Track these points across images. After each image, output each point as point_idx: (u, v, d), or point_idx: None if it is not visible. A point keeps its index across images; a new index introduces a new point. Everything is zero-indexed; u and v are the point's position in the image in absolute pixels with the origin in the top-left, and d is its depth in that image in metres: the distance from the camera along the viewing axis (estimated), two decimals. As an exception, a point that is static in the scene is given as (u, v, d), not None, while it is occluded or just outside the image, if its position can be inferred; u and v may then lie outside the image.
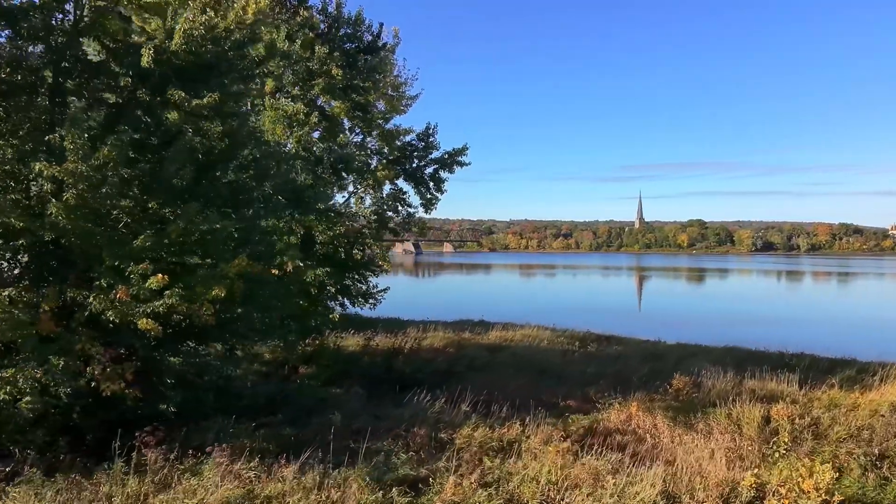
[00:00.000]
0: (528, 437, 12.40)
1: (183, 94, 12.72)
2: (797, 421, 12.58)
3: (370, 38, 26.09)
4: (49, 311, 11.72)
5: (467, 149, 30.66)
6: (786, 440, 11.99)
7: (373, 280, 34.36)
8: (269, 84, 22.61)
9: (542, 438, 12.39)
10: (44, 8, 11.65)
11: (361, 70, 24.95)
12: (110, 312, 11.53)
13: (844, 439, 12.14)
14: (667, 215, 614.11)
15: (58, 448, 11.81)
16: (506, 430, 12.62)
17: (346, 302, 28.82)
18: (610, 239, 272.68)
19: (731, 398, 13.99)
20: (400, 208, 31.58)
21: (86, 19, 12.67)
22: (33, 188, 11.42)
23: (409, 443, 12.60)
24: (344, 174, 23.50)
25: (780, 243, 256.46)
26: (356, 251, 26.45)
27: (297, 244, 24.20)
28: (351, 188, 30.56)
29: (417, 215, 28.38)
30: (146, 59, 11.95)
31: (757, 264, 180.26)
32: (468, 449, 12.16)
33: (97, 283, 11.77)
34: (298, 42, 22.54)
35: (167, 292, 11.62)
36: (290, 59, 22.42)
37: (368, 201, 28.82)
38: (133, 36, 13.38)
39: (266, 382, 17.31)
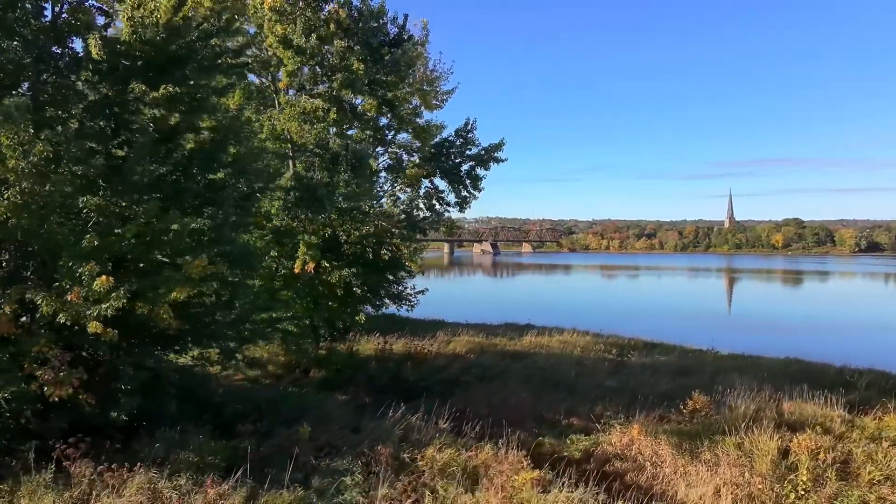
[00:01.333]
0: (497, 462, 11.00)
1: (144, 88, 12.25)
2: (822, 456, 10.51)
3: (396, 30, 25.20)
4: (9, 312, 11.41)
5: (503, 144, 29.32)
6: (804, 479, 10.02)
7: (410, 281, 33.70)
8: (284, 79, 22.10)
9: (513, 464, 10.97)
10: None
11: (386, 64, 24.06)
12: (62, 315, 11.10)
13: (879, 482, 10.01)
14: (759, 214, 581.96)
15: (16, 453, 11.45)
16: (473, 452, 11.26)
17: (381, 302, 28.25)
18: (697, 239, 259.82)
19: (749, 423, 12.00)
20: (438, 207, 30.76)
21: (63, 15, 12.40)
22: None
23: (370, 462, 11.53)
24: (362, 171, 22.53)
25: (887, 243, 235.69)
26: (384, 251, 25.58)
27: (318, 244, 23.67)
28: (387, 187, 29.97)
29: (447, 215, 27.30)
30: (95, 51, 11.50)
31: (861, 266, 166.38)
32: (431, 471, 10.96)
33: (56, 283, 11.46)
34: (314, 36, 21.91)
35: (114, 294, 11.04)
36: (304, 54, 21.80)
37: (402, 199, 28.10)
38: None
39: (257, 388, 16.61)
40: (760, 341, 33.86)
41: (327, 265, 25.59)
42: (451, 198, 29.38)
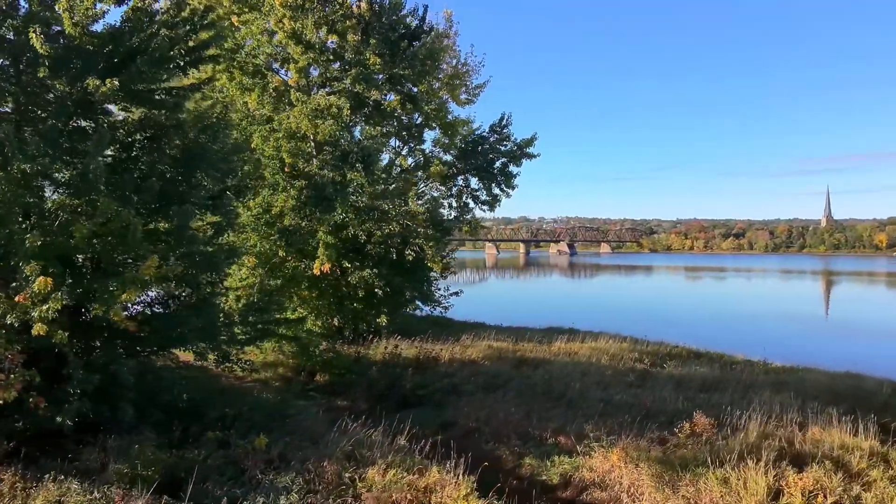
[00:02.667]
0: (443, 487, 9.86)
1: (97, 82, 11.91)
2: (819, 500, 8.72)
3: (417, 22, 24.33)
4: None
5: (535, 139, 27.88)
6: (793, 528, 8.32)
7: (443, 282, 32.70)
8: (294, 76, 21.65)
9: (466, 489, 9.80)
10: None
11: (405, 58, 23.23)
12: (9, 316, 10.91)
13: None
14: (861, 212, 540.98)
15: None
16: (415, 475, 10.16)
17: (406, 304, 27.45)
18: (790, 239, 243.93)
19: (748, 453, 10.26)
20: (472, 205, 29.66)
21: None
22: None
23: (314, 479, 10.68)
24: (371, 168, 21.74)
25: None
26: (408, 252, 24.76)
27: (335, 244, 23.15)
28: (421, 185, 29.15)
29: (475, 214, 26.13)
30: (38, 45, 11.23)
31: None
32: (370, 494, 9.98)
33: (14, 283, 11.30)
34: (324, 30, 21.36)
35: (53, 295, 10.73)
36: (314, 49, 21.28)
37: (427, 198, 27.15)
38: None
39: (243, 392, 16.11)
40: (831, 351, 30.80)
41: (349, 265, 25.10)
42: (483, 196, 28.22)
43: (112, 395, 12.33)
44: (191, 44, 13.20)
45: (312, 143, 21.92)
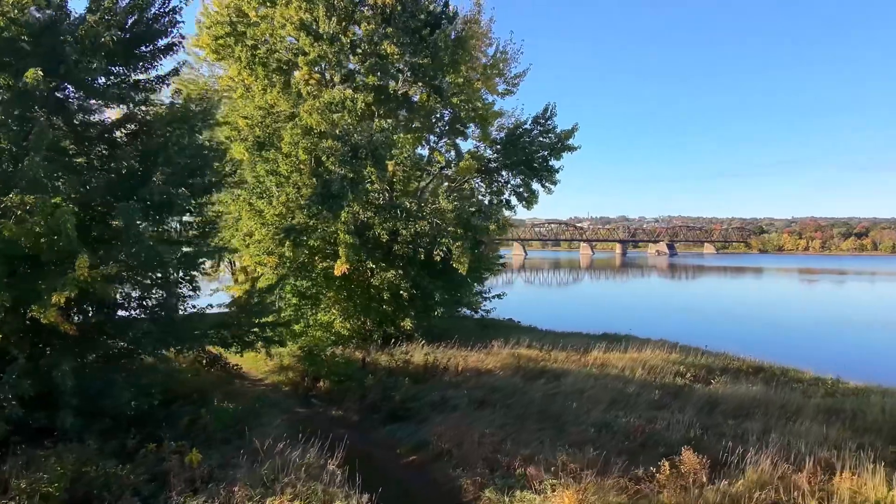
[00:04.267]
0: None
1: (34, 73, 11.44)
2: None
3: (440, 8, 22.90)
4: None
5: (576, 130, 25.64)
6: None
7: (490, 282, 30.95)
8: (304, 69, 20.81)
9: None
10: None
11: (425, 46, 21.91)
12: (-58, 317, 10.61)
13: None
14: None
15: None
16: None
17: (434, 306, 26.07)
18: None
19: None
20: (514, 202, 27.88)
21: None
22: None
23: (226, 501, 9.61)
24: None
25: None
26: (436, 252, 23.42)
27: (354, 243, 22.22)
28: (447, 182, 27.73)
29: (507, 212, 24.29)
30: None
31: None
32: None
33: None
34: (333, 21, 20.39)
35: (-27, 296, 10.30)
36: (321, 38, 20.35)
37: (455, 195, 25.62)
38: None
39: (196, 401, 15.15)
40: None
41: (374, 266, 24.08)
42: (523, 192, 26.33)
43: (50, 401, 11.89)
44: (132, 34, 12.52)
45: (329, 140, 21.01)
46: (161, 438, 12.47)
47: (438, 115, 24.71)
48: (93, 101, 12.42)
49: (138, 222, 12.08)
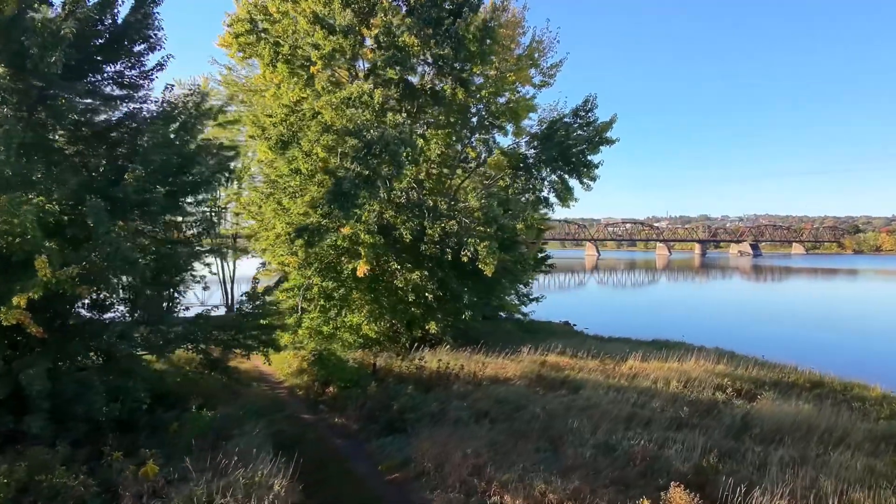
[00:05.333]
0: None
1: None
2: None
3: (465, -4, 21.69)
4: None
5: (614, 121, 23.86)
6: None
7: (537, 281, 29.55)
8: (319, 63, 20.14)
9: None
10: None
11: (447, 36, 20.85)
12: None
13: None
14: None
15: None
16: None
17: (463, 310, 24.89)
18: None
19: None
20: (553, 200, 26.42)
21: None
22: None
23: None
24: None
25: None
26: (463, 252, 22.33)
27: (373, 244, 21.47)
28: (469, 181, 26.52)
29: (530, 211, 22.79)
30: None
31: None
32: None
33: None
34: (349, 12, 19.63)
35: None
36: (335, 32, 19.62)
37: (482, 192, 24.34)
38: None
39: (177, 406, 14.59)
40: None
41: (398, 267, 23.24)
42: (556, 190, 24.79)
43: (22, 405, 11.63)
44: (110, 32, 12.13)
45: (345, 137, 20.30)
46: (137, 446, 12.10)
47: (471, 111, 23.47)
48: (67, 98, 12.10)
49: (109, 221, 11.68)
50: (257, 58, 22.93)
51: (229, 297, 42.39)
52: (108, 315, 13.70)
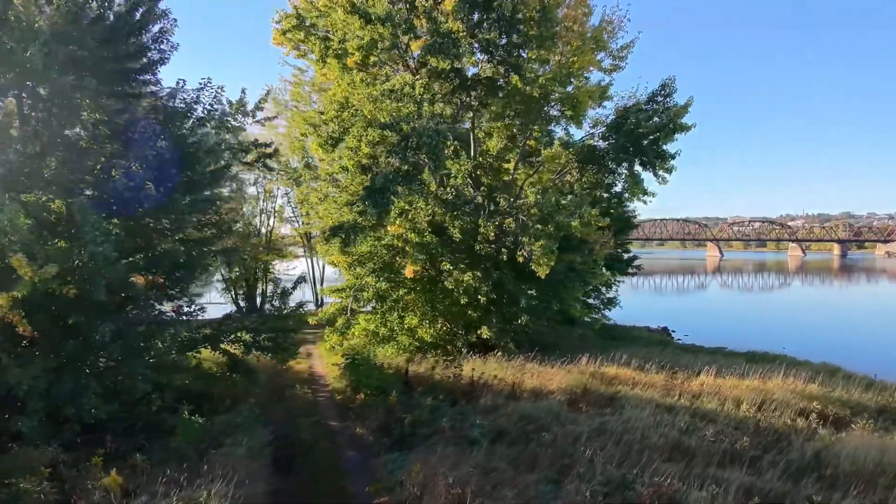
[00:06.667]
0: None
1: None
2: None
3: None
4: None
5: (690, 105, 21.22)
6: None
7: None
8: (356, 55, 19.29)
9: None
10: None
11: (493, 20, 19.39)
12: None
13: None
14: None
15: None
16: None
17: (519, 313, 23.11)
18: None
19: None
20: (632, 198, 24.10)
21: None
22: None
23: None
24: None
25: None
26: (519, 253, 20.82)
27: (418, 242, 20.44)
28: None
29: (588, 209, 20.54)
30: None
31: None
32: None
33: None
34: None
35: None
36: (372, 21, 18.67)
37: (539, 188, 22.46)
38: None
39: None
40: None
41: (450, 267, 22.02)
42: (628, 183, 22.43)
43: (16, 405, 11.56)
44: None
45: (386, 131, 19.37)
46: (134, 450, 11.75)
47: (533, 100, 21.69)
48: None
49: (96, 220, 11.38)
50: (309, 54, 22.58)
51: (316, 296, 43.03)
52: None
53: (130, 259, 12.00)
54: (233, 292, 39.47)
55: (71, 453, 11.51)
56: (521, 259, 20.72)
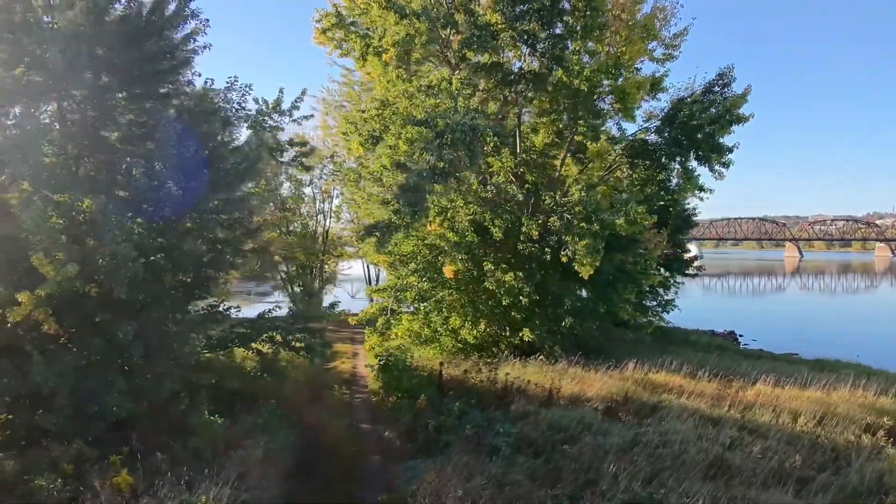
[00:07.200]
0: None
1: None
2: None
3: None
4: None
5: (748, 93, 19.76)
6: None
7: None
8: (391, 51, 18.93)
9: None
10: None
11: (537, 10, 18.71)
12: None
13: None
14: None
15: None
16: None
17: (563, 314, 22.18)
18: None
19: None
20: (686, 194, 22.86)
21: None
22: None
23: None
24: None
25: None
26: (563, 252, 20.06)
27: (457, 242, 19.98)
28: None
29: (635, 207, 19.35)
30: None
31: None
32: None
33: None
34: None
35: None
36: (406, 16, 18.27)
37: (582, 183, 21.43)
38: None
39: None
40: None
41: (491, 267, 21.42)
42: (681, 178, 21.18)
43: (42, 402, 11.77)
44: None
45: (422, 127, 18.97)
46: (149, 450, 11.76)
47: (580, 94, 20.75)
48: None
49: (117, 219, 11.46)
50: (352, 52, 22.44)
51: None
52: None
53: (153, 258, 11.98)
54: (289, 290, 40.07)
55: (97, 450, 11.62)
56: (565, 259, 19.88)
